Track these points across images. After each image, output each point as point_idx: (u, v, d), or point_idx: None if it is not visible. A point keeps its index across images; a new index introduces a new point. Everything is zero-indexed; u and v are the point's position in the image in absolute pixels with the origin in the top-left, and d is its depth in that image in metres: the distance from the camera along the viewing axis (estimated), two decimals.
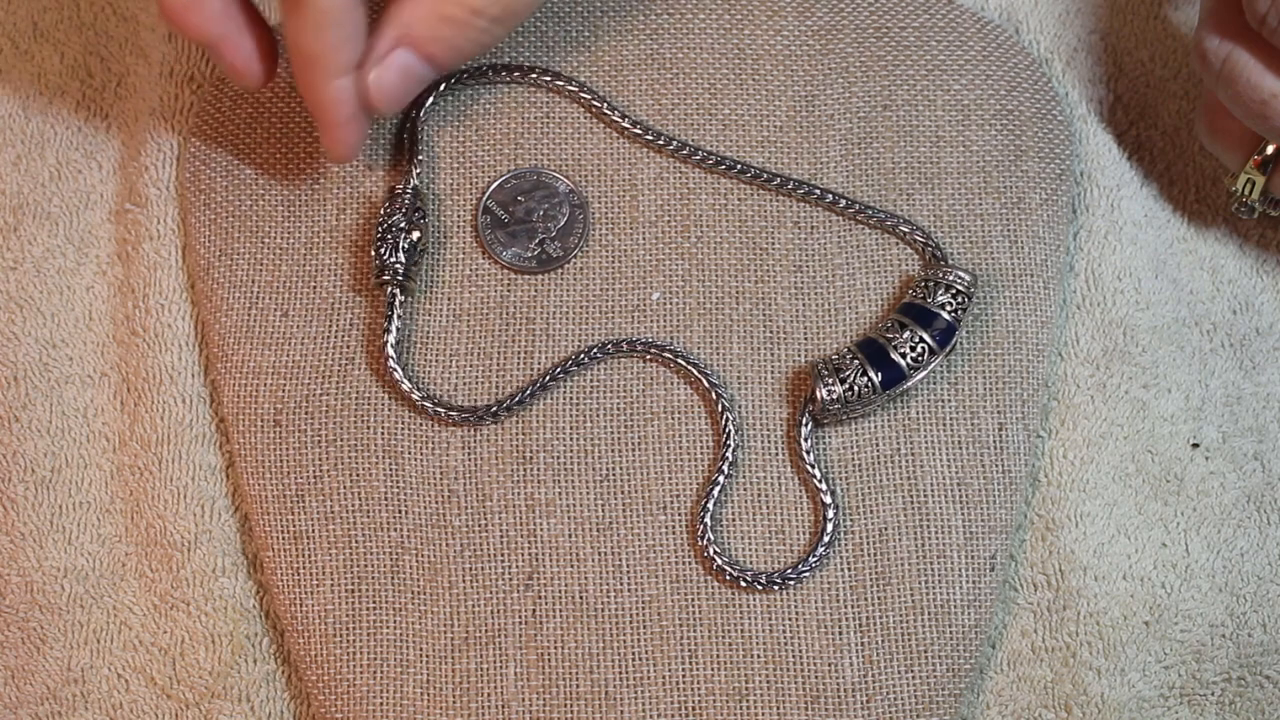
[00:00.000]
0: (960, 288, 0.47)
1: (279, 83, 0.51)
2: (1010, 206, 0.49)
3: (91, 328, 0.50)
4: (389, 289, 0.47)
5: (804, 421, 0.46)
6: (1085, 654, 0.47)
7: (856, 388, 0.46)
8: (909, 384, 0.46)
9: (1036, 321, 0.48)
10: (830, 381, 0.46)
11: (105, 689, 0.47)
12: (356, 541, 0.47)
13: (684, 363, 0.47)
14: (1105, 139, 0.51)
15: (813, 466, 0.46)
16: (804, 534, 0.46)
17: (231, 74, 0.45)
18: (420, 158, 0.49)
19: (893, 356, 0.46)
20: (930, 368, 0.46)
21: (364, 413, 0.47)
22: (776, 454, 0.47)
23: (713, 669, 0.45)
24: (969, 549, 0.46)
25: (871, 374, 0.46)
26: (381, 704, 0.45)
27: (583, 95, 0.50)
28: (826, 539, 0.46)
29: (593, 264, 0.49)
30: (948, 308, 0.46)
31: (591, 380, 0.48)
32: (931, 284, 0.47)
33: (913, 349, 0.46)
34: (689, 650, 0.46)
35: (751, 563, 0.46)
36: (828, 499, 0.46)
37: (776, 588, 0.46)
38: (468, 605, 0.46)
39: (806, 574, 0.46)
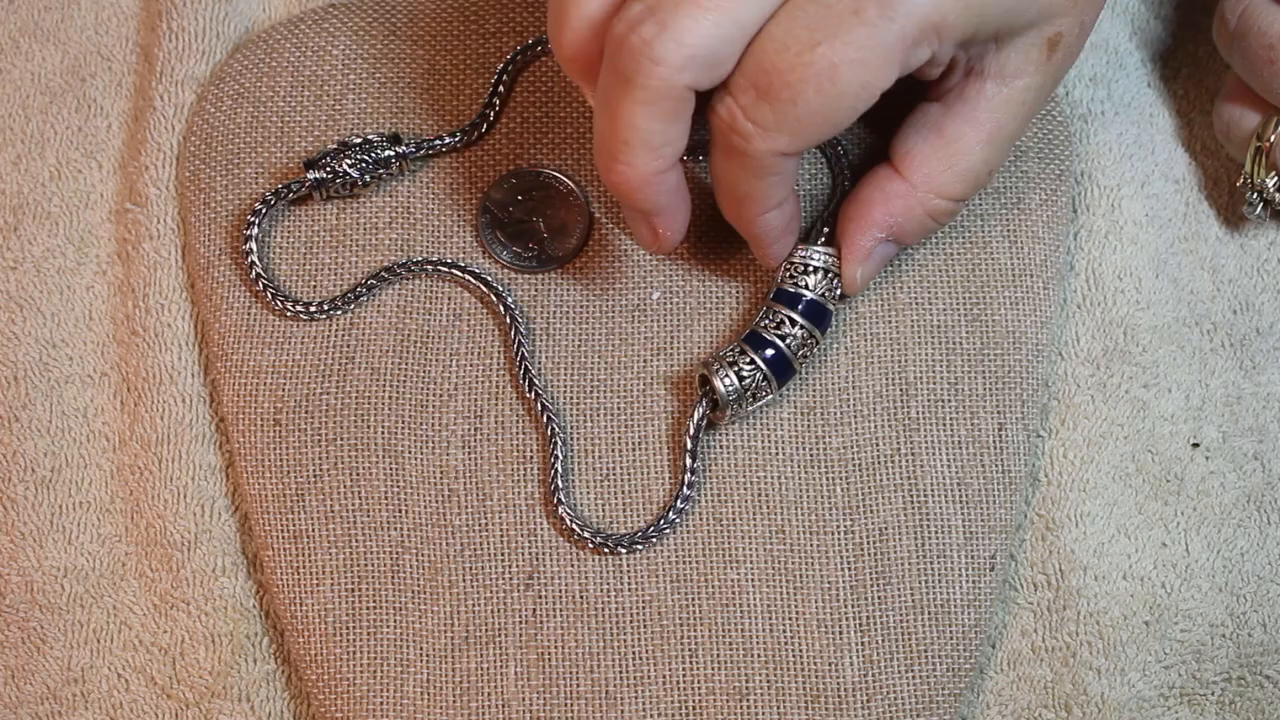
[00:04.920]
0: (823, 265, 0.46)
1: (280, 80, 0.51)
2: (1010, 206, 0.49)
3: (91, 328, 0.50)
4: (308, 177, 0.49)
5: (699, 416, 0.46)
6: (1085, 654, 0.47)
7: (750, 376, 0.46)
8: (800, 366, 0.46)
9: (1036, 321, 0.48)
10: (725, 374, 0.46)
11: (105, 689, 0.47)
12: (356, 541, 0.47)
13: (458, 272, 0.48)
14: (1105, 139, 0.51)
15: (691, 459, 0.46)
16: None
17: (649, 240, 0.45)
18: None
19: (769, 338, 0.46)
20: (816, 349, 0.47)
21: (364, 413, 0.47)
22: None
23: (713, 668, 0.45)
24: (969, 549, 0.46)
25: (756, 357, 0.46)
26: (381, 704, 0.45)
27: None
28: (673, 512, 0.46)
29: (593, 264, 0.49)
30: (813, 288, 0.46)
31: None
32: (798, 267, 0.46)
33: (794, 334, 0.46)
34: (689, 649, 0.46)
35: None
36: (690, 477, 0.46)
37: (624, 551, 0.46)
38: (468, 605, 0.46)
39: (648, 540, 0.46)
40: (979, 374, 0.48)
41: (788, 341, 0.46)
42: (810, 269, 0.46)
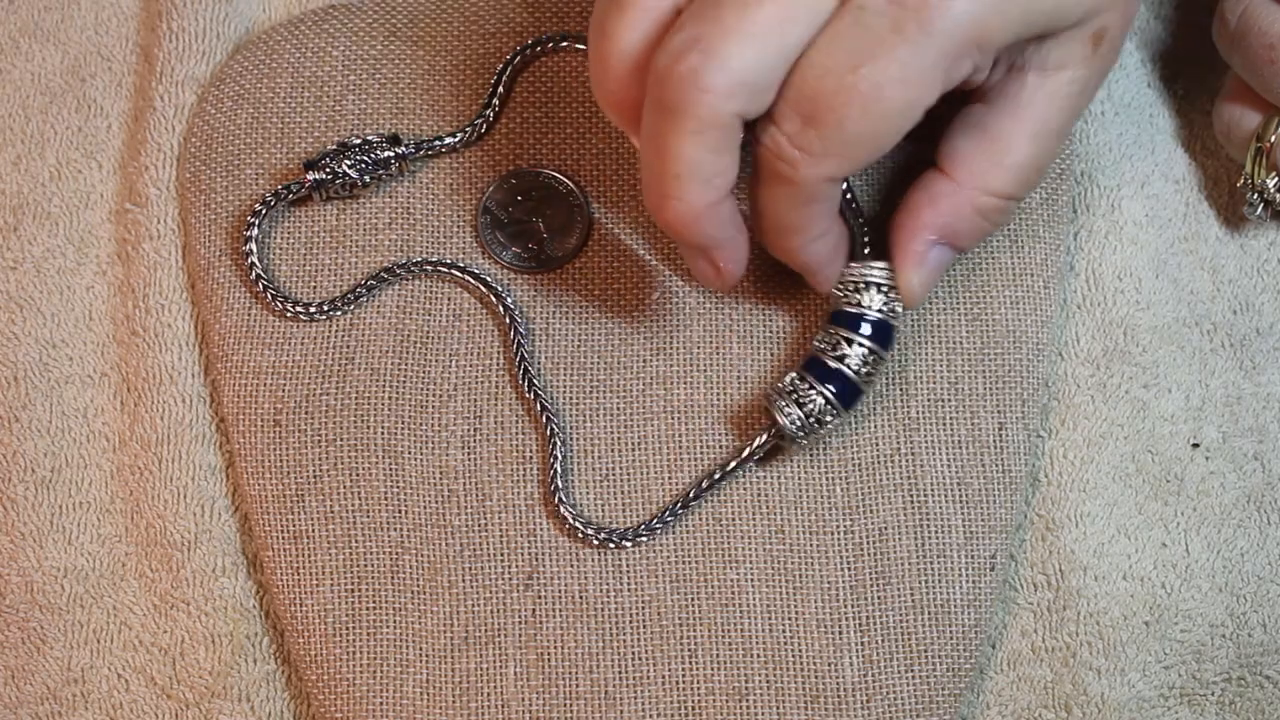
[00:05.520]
0: (882, 280, 0.45)
1: (280, 81, 0.51)
2: None
3: (91, 328, 0.50)
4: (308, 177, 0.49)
5: (758, 450, 0.46)
6: (1085, 654, 0.47)
7: (814, 408, 0.45)
8: (867, 387, 0.46)
9: (1036, 321, 0.48)
10: (787, 408, 0.45)
11: (105, 689, 0.47)
12: (356, 541, 0.47)
13: (458, 272, 0.48)
14: (1105, 139, 0.51)
15: (731, 470, 0.46)
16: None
17: (712, 277, 0.44)
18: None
19: (838, 368, 0.45)
20: (881, 367, 0.46)
21: (364, 413, 0.47)
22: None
23: (712, 668, 0.45)
24: (969, 549, 0.46)
25: (824, 389, 0.45)
26: (381, 704, 0.45)
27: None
28: (677, 508, 0.46)
29: (593, 264, 0.49)
30: (875, 305, 0.45)
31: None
32: (852, 285, 0.45)
33: (859, 359, 0.45)
34: (689, 650, 0.46)
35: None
36: (707, 483, 0.46)
37: (628, 545, 0.46)
38: (468, 605, 0.46)
39: (654, 533, 0.46)
40: (979, 374, 0.48)
41: (849, 363, 0.45)
42: (865, 285, 0.45)
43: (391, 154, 0.49)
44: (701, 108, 0.39)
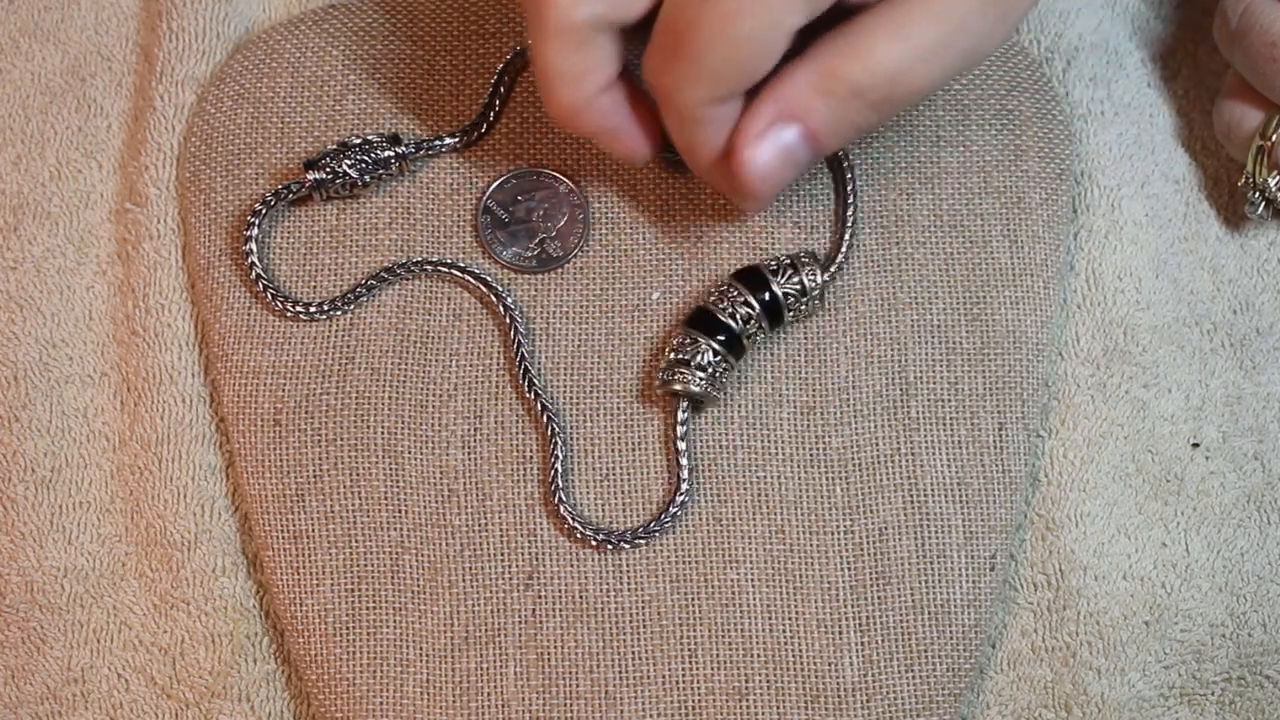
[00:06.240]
0: (810, 282, 0.46)
1: (280, 81, 0.51)
2: (1010, 206, 0.49)
3: (91, 328, 0.50)
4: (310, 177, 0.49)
5: (682, 408, 0.46)
6: (1085, 654, 0.47)
7: (712, 366, 0.46)
8: (749, 344, 0.46)
9: (1036, 321, 0.48)
10: (685, 375, 0.46)
11: (105, 689, 0.47)
12: (356, 541, 0.47)
13: (458, 272, 0.48)
14: (1105, 139, 0.51)
15: (681, 454, 0.46)
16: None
17: (619, 155, 0.46)
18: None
19: (722, 320, 0.46)
20: (760, 333, 0.46)
21: (364, 413, 0.47)
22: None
23: (712, 668, 0.45)
24: (969, 549, 0.46)
25: (712, 341, 0.46)
26: (381, 704, 0.46)
27: None
28: (673, 509, 0.46)
29: (593, 264, 0.49)
30: (784, 286, 0.46)
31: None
32: (787, 263, 0.46)
33: (741, 313, 0.46)
34: (689, 649, 0.46)
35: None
36: (684, 474, 0.46)
37: (627, 547, 0.46)
38: (468, 605, 0.46)
39: (652, 535, 0.46)
40: (979, 374, 0.48)
41: (736, 319, 0.46)
42: (794, 268, 0.46)
43: (391, 154, 0.49)
44: (549, 17, 0.42)
